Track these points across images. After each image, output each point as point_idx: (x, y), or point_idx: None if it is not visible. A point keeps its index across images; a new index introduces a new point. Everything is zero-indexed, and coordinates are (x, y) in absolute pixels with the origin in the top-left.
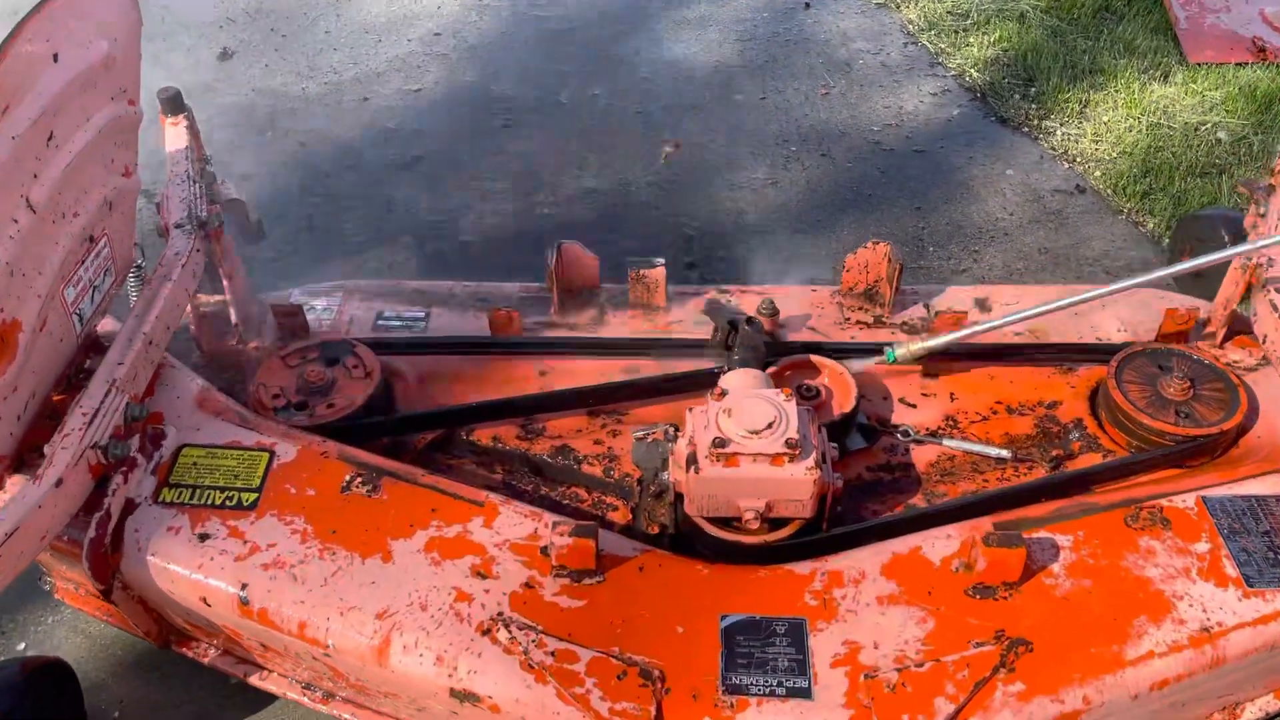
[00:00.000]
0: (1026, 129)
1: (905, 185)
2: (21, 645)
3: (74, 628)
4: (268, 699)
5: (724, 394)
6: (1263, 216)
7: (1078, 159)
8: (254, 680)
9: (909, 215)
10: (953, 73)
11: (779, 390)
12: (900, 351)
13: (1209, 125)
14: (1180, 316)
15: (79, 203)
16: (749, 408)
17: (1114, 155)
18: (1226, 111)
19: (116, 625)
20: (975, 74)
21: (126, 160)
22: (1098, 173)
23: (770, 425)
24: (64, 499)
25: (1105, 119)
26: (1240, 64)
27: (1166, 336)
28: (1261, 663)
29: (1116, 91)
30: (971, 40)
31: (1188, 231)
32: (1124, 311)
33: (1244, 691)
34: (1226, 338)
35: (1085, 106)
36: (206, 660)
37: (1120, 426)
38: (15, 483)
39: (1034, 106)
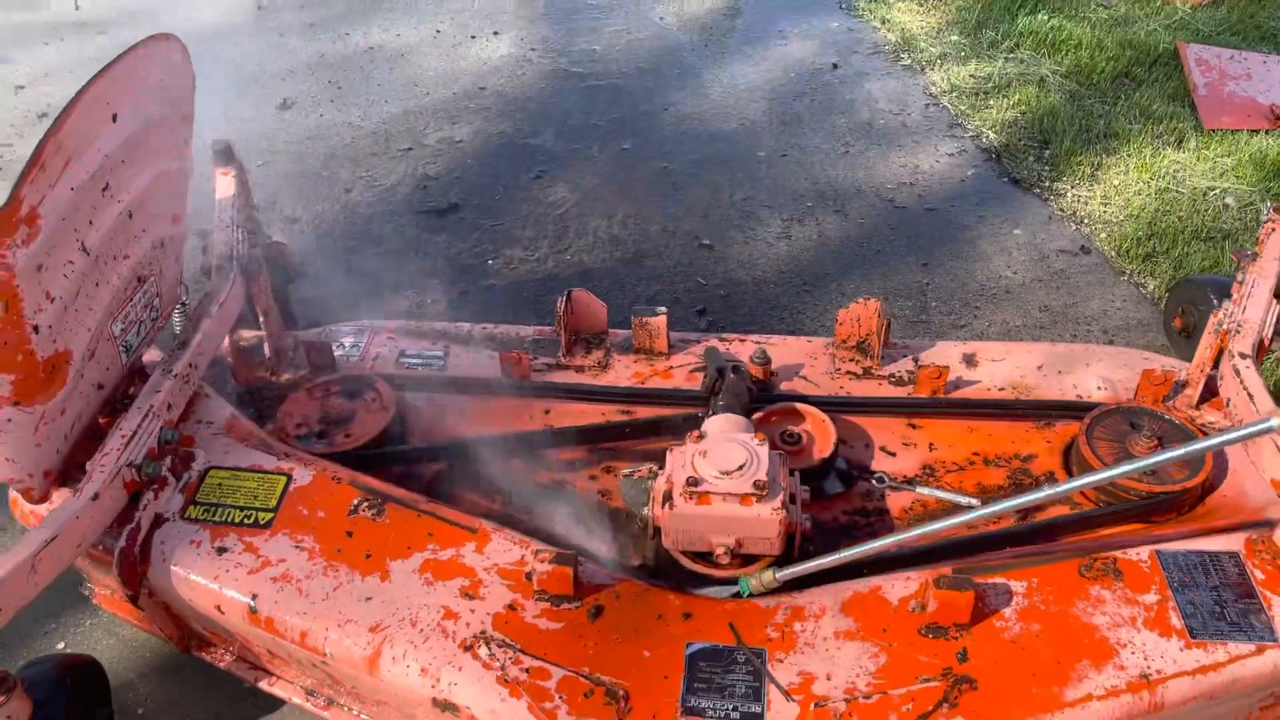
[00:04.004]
0: (1038, 190)
1: (914, 242)
2: (61, 644)
3: (109, 630)
4: (277, 703)
5: (702, 436)
6: (1240, 284)
7: (1086, 220)
8: (264, 685)
9: (914, 271)
10: (970, 134)
11: (754, 435)
12: (753, 582)
13: (1218, 191)
14: (1157, 378)
15: (129, 247)
16: (723, 450)
17: (1121, 218)
18: (1236, 177)
19: (145, 630)
20: (992, 135)
21: (176, 209)
22: (1104, 234)
23: (741, 467)
24: (100, 511)
25: (1116, 182)
26: (1254, 131)
27: (1144, 397)
28: (1202, 712)
29: (1129, 156)
30: (991, 103)
31: (1181, 295)
32: (1106, 370)
33: None
34: (1203, 399)
35: (1097, 169)
36: (223, 665)
37: None
38: (60, 495)
39: (1047, 169)
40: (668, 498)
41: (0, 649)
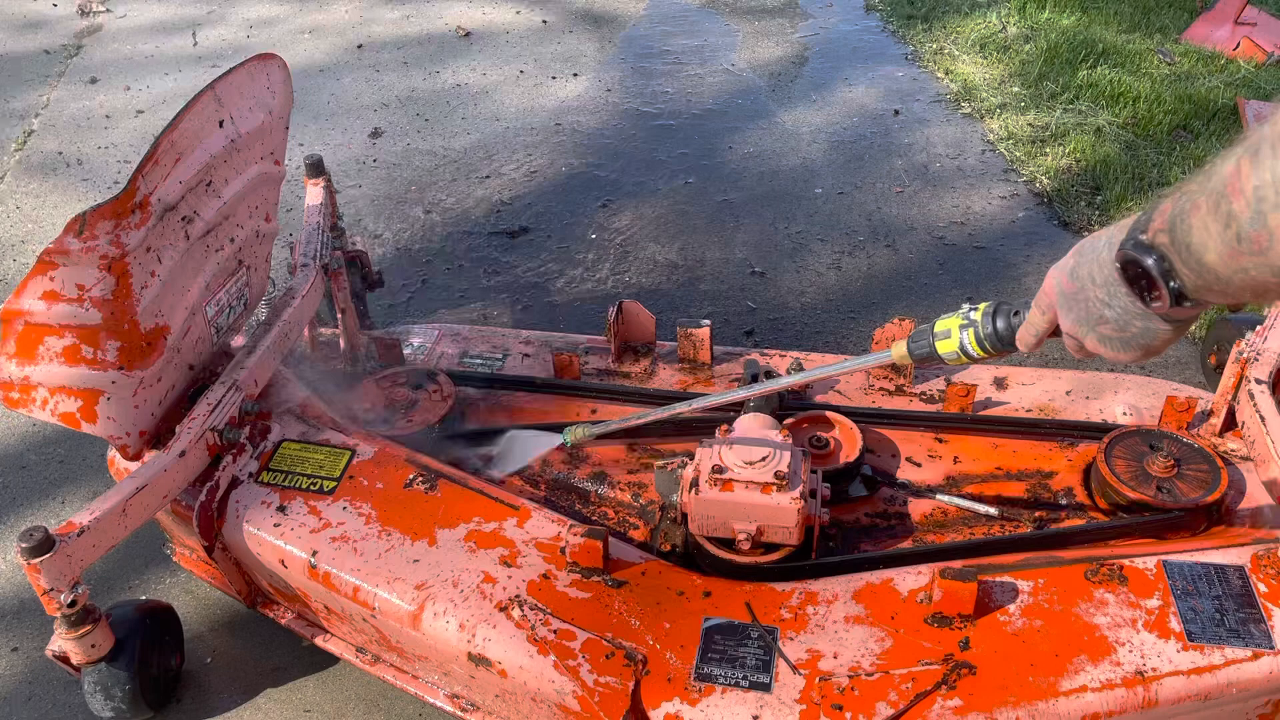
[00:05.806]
0: (1087, 233)
1: (960, 276)
2: (142, 598)
3: (185, 588)
4: (330, 660)
5: (730, 431)
6: (1267, 317)
7: None
8: (319, 641)
9: (959, 303)
10: (1024, 179)
11: (780, 432)
12: (569, 436)
13: None
14: (1180, 404)
15: (226, 238)
16: (749, 443)
17: None
18: None
19: (218, 587)
20: (1046, 181)
21: (269, 209)
22: None
23: (764, 458)
24: (184, 467)
25: None
26: None
27: (1168, 422)
28: (1198, 713)
29: None
30: (1047, 150)
31: (1218, 333)
32: (1133, 398)
33: None
34: (1227, 427)
35: None
36: (284, 621)
37: (1104, 496)
38: (151, 454)
39: (1097, 213)
40: (695, 484)
41: (91, 597)
